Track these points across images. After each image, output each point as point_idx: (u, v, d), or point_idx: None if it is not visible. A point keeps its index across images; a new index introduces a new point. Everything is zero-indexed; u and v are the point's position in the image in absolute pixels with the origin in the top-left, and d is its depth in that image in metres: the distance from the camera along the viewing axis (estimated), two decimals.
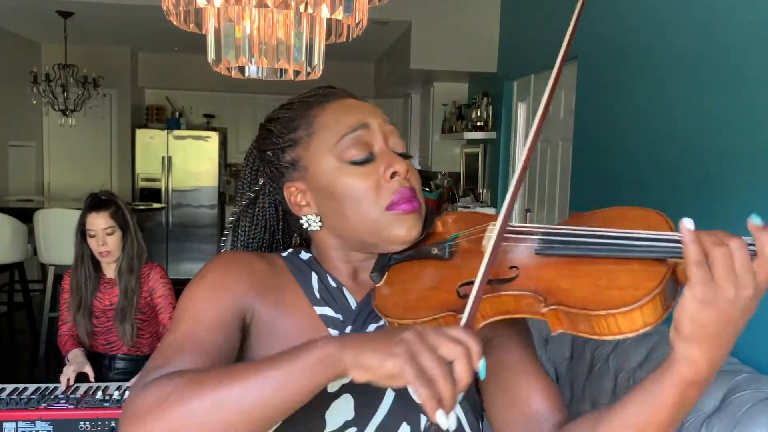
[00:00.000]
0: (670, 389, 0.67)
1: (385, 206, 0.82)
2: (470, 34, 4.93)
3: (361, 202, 0.83)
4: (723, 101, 2.34)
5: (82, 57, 6.23)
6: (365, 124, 0.85)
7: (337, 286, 0.88)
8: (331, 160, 0.84)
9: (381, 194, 0.82)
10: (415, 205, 0.83)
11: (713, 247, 0.63)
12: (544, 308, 0.69)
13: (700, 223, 0.67)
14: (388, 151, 0.85)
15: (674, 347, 0.66)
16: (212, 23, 1.95)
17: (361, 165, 0.83)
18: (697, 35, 2.51)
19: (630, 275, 0.68)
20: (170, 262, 7.36)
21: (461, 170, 5.77)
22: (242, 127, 7.87)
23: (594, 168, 3.36)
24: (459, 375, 0.61)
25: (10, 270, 5.23)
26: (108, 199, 2.55)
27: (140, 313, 2.54)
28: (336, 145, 0.84)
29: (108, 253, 2.48)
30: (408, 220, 0.83)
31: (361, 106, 0.89)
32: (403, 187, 0.83)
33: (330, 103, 0.89)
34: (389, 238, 0.83)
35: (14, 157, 6.43)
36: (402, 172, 0.83)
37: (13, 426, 1.99)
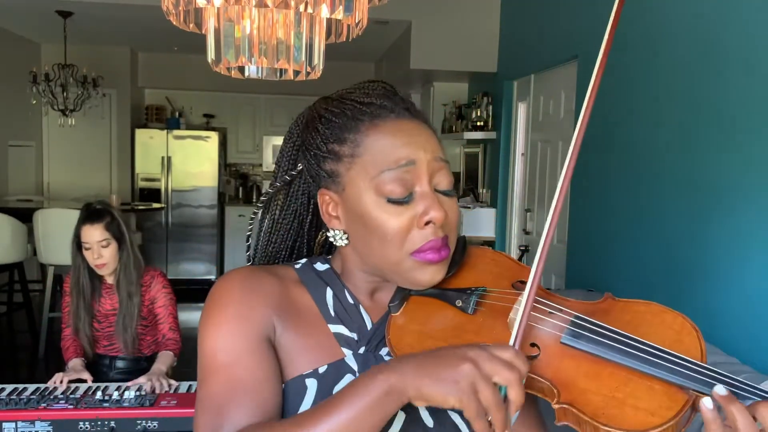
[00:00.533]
0: None
1: (410, 252, 0.80)
2: (470, 34, 4.93)
3: (388, 242, 0.80)
4: (723, 101, 2.33)
5: (81, 57, 6.23)
6: (412, 160, 0.80)
7: (354, 303, 0.87)
8: (369, 191, 0.80)
9: (410, 239, 0.79)
10: (443, 254, 0.80)
11: (739, 412, 0.64)
12: (555, 404, 0.69)
13: (701, 222, 0.67)
14: (429, 194, 0.80)
15: None
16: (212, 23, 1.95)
17: (398, 204, 0.79)
18: (697, 35, 2.51)
19: (649, 395, 0.66)
20: (170, 263, 7.36)
21: (461, 170, 5.77)
22: (242, 127, 7.87)
23: (594, 168, 3.36)
24: (514, 399, 0.64)
25: (9, 270, 5.23)
26: (102, 210, 2.52)
27: (143, 319, 2.54)
28: (377, 177, 0.80)
29: (104, 266, 2.47)
30: (431, 268, 0.80)
31: (414, 136, 0.82)
32: (435, 237, 0.79)
33: (383, 122, 0.83)
34: (410, 280, 0.82)
35: (14, 157, 6.43)
36: (437, 220, 0.79)
37: (13, 426, 1.98)
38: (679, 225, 2.56)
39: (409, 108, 0.86)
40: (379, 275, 0.86)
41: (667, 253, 2.66)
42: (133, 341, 2.51)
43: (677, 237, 2.58)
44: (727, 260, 2.28)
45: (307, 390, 0.80)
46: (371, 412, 0.67)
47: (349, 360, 0.83)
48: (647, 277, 2.81)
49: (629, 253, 2.98)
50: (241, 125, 7.86)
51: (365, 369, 0.80)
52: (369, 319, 0.86)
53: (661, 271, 2.69)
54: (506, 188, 4.81)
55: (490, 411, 0.63)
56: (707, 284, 2.39)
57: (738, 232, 2.23)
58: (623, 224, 3.03)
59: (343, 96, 0.88)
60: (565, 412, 0.68)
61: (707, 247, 2.39)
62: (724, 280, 2.30)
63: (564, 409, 0.68)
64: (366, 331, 0.85)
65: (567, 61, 3.75)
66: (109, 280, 2.55)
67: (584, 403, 0.66)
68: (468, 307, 0.80)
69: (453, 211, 0.83)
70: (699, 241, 2.43)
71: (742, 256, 2.21)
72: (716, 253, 2.34)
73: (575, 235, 3.60)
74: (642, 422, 0.64)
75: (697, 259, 2.44)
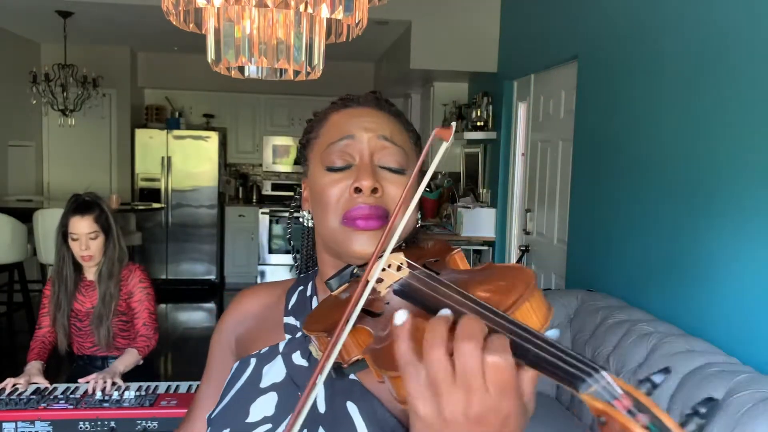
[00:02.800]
0: None
1: (340, 219, 0.82)
2: (470, 34, 4.93)
3: (326, 209, 0.84)
4: (723, 101, 2.33)
5: (81, 57, 6.23)
6: (351, 135, 0.86)
7: (309, 294, 0.93)
8: (318, 164, 0.87)
9: (340, 205, 0.83)
10: (371, 224, 0.81)
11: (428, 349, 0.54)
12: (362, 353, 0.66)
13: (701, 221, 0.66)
14: (366, 165, 0.83)
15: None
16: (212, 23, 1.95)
17: (335, 172, 0.84)
18: (697, 35, 2.51)
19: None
20: (170, 263, 7.36)
21: (461, 170, 5.77)
22: (242, 127, 7.87)
23: (594, 168, 3.36)
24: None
25: (9, 270, 5.23)
26: (92, 202, 2.50)
27: (122, 314, 2.52)
28: (324, 150, 0.87)
29: (90, 258, 2.45)
30: (361, 237, 0.81)
31: (363, 116, 0.88)
32: (364, 204, 0.81)
33: (345, 109, 0.91)
34: (345, 250, 0.83)
35: (14, 157, 6.43)
36: (365, 187, 0.81)
37: (13, 426, 1.99)
38: (679, 225, 2.56)
39: (379, 102, 0.92)
40: (333, 253, 0.88)
41: (667, 253, 2.65)
42: (108, 335, 2.47)
43: (677, 237, 2.57)
44: (728, 260, 2.28)
45: (248, 367, 0.88)
46: None
47: (282, 344, 0.89)
48: (647, 277, 2.81)
49: (629, 253, 2.97)
50: (241, 125, 7.86)
51: (289, 351, 0.87)
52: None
53: (662, 271, 2.69)
54: (506, 188, 4.81)
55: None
56: (707, 284, 2.39)
57: (739, 233, 2.23)
58: (623, 224, 3.03)
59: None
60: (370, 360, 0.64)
61: (707, 247, 2.39)
62: (724, 280, 2.30)
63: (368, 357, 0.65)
64: None
65: (567, 61, 3.75)
66: (90, 277, 2.52)
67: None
68: (334, 286, 0.80)
69: (396, 186, 0.84)
70: (699, 241, 2.43)
71: (743, 257, 2.21)
72: (716, 253, 2.34)
73: (575, 235, 3.60)
74: None
75: (698, 259, 2.44)
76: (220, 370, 0.95)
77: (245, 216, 7.62)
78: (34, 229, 4.92)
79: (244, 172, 8.07)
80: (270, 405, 0.83)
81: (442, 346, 0.52)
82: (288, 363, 0.85)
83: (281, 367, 0.86)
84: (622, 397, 0.47)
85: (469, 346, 0.51)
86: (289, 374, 0.85)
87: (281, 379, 0.85)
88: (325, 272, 0.90)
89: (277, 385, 0.84)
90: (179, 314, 6.57)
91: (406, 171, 0.86)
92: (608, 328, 2.55)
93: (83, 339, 2.55)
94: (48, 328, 2.53)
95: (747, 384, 1.86)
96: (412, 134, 0.93)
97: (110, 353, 2.54)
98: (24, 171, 6.68)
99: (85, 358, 2.57)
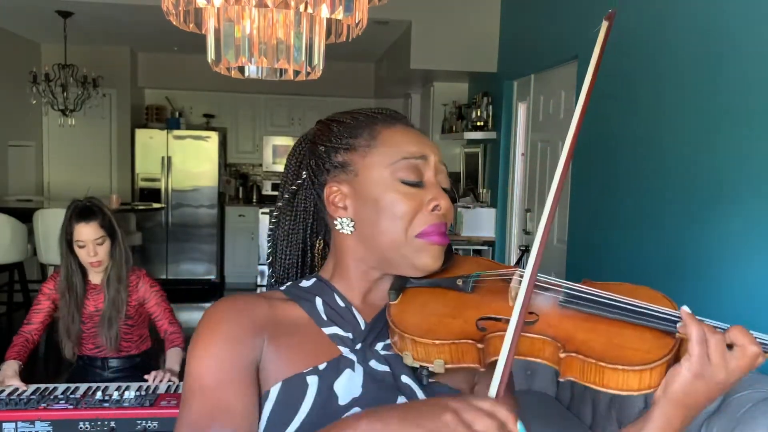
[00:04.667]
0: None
1: (416, 233, 0.87)
2: (470, 34, 4.93)
3: (398, 220, 0.87)
4: (723, 101, 2.33)
5: (81, 57, 6.22)
6: (425, 155, 0.90)
7: (345, 305, 0.90)
8: (385, 173, 0.88)
9: (417, 220, 0.87)
10: (445, 240, 0.88)
11: (710, 333, 0.76)
12: (562, 353, 0.75)
13: (701, 221, 0.68)
14: (437, 185, 0.89)
15: (657, 405, 0.77)
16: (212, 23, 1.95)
17: (410, 186, 0.88)
18: (697, 35, 2.51)
19: (642, 341, 0.76)
20: (170, 263, 7.36)
21: (461, 170, 5.77)
22: (242, 127, 7.87)
23: (594, 168, 3.36)
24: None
25: (9, 270, 5.23)
26: (94, 207, 2.47)
27: (129, 318, 2.51)
28: (394, 163, 0.88)
29: (99, 263, 2.43)
30: (434, 251, 0.87)
31: (424, 140, 0.93)
32: (440, 221, 0.88)
33: (397, 125, 0.93)
34: (412, 262, 0.87)
35: (14, 157, 6.43)
36: (444, 207, 0.88)
37: (13, 426, 1.98)
38: (679, 225, 2.56)
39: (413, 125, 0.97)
40: (378, 264, 0.90)
41: (667, 253, 2.65)
42: (116, 338, 2.46)
43: (678, 237, 2.57)
44: (728, 260, 2.28)
45: (308, 387, 0.82)
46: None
47: (347, 354, 0.86)
48: (647, 277, 2.81)
49: (629, 253, 2.97)
50: (241, 125, 7.85)
51: (363, 361, 0.85)
52: (362, 320, 0.90)
53: (662, 271, 2.69)
54: (506, 188, 4.81)
55: None
56: (708, 284, 2.39)
57: (739, 231, 2.23)
58: (623, 225, 3.03)
59: (354, 110, 0.97)
60: (572, 361, 0.75)
61: (708, 247, 2.39)
62: (724, 279, 2.30)
63: (570, 359, 0.74)
64: (360, 330, 0.89)
65: (567, 61, 3.75)
66: (95, 281, 2.51)
67: (589, 350, 0.74)
68: (467, 286, 0.87)
69: (451, 209, 0.91)
70: (700, 241, 2.43)
71: (743, 256, 2.21)
72: (717, 252, 2.34)
73: (575, 235, 3.60)
74: (642, 359, 0.73)
75: (698, 259, 2.44)
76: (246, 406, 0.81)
77: (245, 216, 7.62)
78: (34, 229, 4.92)
79: (244, 172, 8.07)
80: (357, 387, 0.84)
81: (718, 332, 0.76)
82: (368, 371, 0.85)
83: (356, 381, 0.84)
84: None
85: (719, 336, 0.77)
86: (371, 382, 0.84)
87: (359, 393, 0.83)
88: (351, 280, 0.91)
89: (358, 399, 0.83)
90: (179, 314, 6.49)
91: None
92: None
93: (86, 341, 2.54)
94: (37, 326, 2.49)
95: (747, 384, 1.87)
96: None
97: (109, 355, 2.54)
98: (24, 171, 6.68)
99: (86, 359, 2.56)
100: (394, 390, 0.84)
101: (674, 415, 0.76)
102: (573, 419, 2.60)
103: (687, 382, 0.75)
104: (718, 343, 0.75)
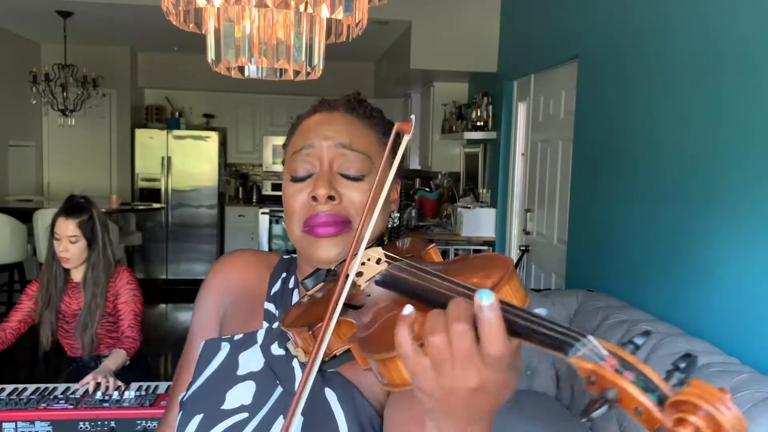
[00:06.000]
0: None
1: (301, 227, 0.87)
2: (470, 34, 4.93)
3: (290, 218, 0.88)
4: (722, 101, 2.33)
5: (81, 57, 6.23)
6: (311, 144, 0.88)
7: (292, 287, 0.94)
8: (285, 173, 0.91)
9: (300, 214, 0.87)
10: (329, 230, 0.85)
11: (428, 335, 0.56)
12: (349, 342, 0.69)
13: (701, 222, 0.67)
14: (324, 173, 0.86)
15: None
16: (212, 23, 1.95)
17: (297, 182, 0.88)
18: (696, 35, 2.51)
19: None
20: (170, 263, 7.37)
21: (461, 170, 5.77)
22: (242, 127, 7.87)
23: (594, 168, 3.36)
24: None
25: (9, 270, 5.23)
26: (82, 206, 2.48)
27: (110, 315, 2.51)
28: (288, 159, 0.90)
29: (67, 260, 2.44)
30: (321, 243, 0.85)
31: (323, 124, 0.90)
32: (321, 212, 0.85)
33: (313, 115, 0.93)
34: (309, 257, 0.88)
35: (14, 157, 6.43)
36: (320, 196, 0.84)
37: (13, 426, 1.98)
38: (679, 225, 2.56)
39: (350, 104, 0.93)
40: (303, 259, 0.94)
41: (667, 253, 2.65)
42: (91, 342, 2.46)
43: (677, 237, 2.57)
44: (728, 260, 2.28)
45: (220, 351, 0.89)
46: None
47: (260, 333, 0.89)
48: (647, 277, 2.81)
49: (629, 253, 2.97)
50: (241, 125, 7.86)
51: (268, 342, 0.88)
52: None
53: (662, 272, 2.69)
54: (506, 188, 4.81)
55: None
56: (707, 284, 2.39)
57: (738, 232, 2.23)
58: (623, 224, 3.03)
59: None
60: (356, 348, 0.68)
61: (707, 247, 2.39)
62: (724, 280, 2.30)
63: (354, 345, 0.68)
64: None
65: (567, 61, 3.75)
66: (76, 278, 2.52)
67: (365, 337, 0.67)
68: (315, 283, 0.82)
69: (355, 193, 0.86)
70: (699, 241, 2.43)
71: (742, 257, 2.21)
72: (716, 253, 2.34)
73: (575, 235, 3.60)
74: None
75: (697, 259, 2.44)
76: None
77: (245, 216, 7.62)
78: (34, 229, 4.92)
79: (244, 172, 8.07)
80: (248, 394, 0.84)
81: (443, 331, 0.55)
82: (266, 353, 0.87)
83: (259, 357, 0.87)
84: (608, 358, 0.49)
85: (462, 326, 0.54)
86: (268, 364, 0.86)
87: (259, 368, 0.86)
88: (301, 270, 0.94)
89: (255, 374, 0.85)
90: (179, 314, 6.56)
91: (367, 176, 0.88)
92: (608, 328, 2.55)
93: (72, 341, 2.54)
94: (13, 324, 2.49)
95: (747, 384, 1.87)
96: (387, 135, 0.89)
97: (102, 352, 2.54)
98: (24, 171, 6.68)
99: (80, 360, 2.57)
100: (274, 377, 0.84)
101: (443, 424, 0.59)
102: (573, 419, 2.60)
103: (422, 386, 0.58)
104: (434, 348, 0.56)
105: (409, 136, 0.75)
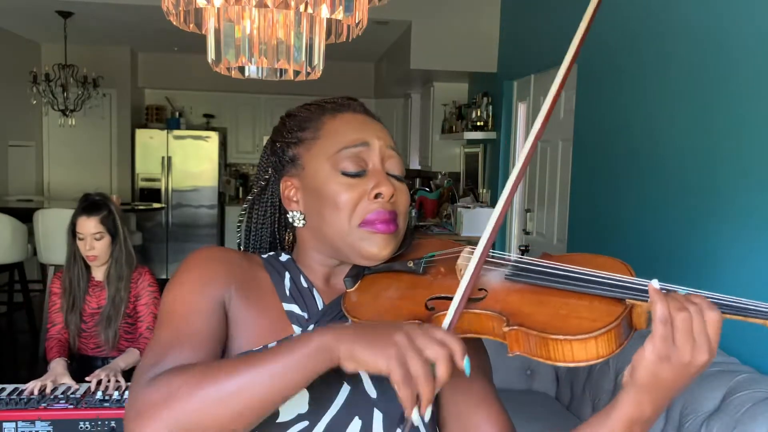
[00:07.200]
0: (616, 425, 0.74)
1: (359, 222, 0.87)
2: (470, 34, 4.93)
3: (340, 211, 0.87)
4: (721, 102, 2.34)
5: (81, 57, 6.22)
6: (366, 142, 0.90)
7: (308, 286, 0.93)
8: (326, 166, 0.89)
9: (359, 210, 0.87)
10: (390, 227, 0.88)
11: (675, 311, 0.70)
12: (506, 328, 0.74)
13: (701, 222, 0.68)
14: (381, 172, 0.89)
15: (625, 390, 0.74)
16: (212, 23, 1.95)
17: (351, 177, 0.88)
18: (698, 35, 2.51)
19: (589, 309, 0.74)
20: (170, 262, 7.37)
21: (461, 170, 5.77)
22: (242, 127, 7.87)
23: (594, 168, 3.36)
24: (440, 375, 0.67)
25: (9, 270, 5.23)
26: (101, 203, 2.53)
27: (128, 316, 2.53)
28: (335, 154, 0.89)
29: (95, 258, 2.48)
30: (379, 240, 0.87)
31: (369, 125, 0.93)
32: (383, 209, 0.87)
33: (342, 113, 0.93)
34: (359, 251, 0.88)
35: (14, 157, 6.43)
36: (386, 194, 0.87)
37: (13, 426, 1.98)
38: (679, 225, 2.56)
39: (367, 110, 0.97)
40: (332, 254, 0.92)
41: (667, 253, 2.66)
42: (115, 337, 2.49)
43: (677, 237, 2.58)
44: (728, 260, 2.28)
45: None
46: (300, 365, 0.69)
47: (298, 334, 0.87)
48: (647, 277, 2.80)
49: (629, 253, 2.97)
50: (241, 125, 7.86)
51: None
52: (321, 301, 0.92)
53: (662, 271, 2.68)
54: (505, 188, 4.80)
55: (418, 382, 0.66)
56: (707, 284, 2.38)
57: (739, 232, 2.23)
58: (623, 225, 3.03)
59: (310, 102, 0.99)
60: (517, 335, 0.73)
61: (707, 247, 2.39)
62: (723, 280, 2.30)
63: (515, 332, 0.73)
64: (317, 310, 0.90)
65: None
66: (98, 277, 2.54)
67: (532, 322, 0.73)
68: (419, 268, 0.87)
69: (403, 194, 0.91)
70: (699, 241, 2.43)
71: (743, 256, 2.21)
72: (717, 253, 2.34)
73: (575, 235, 3.60)
74: (587, 327, 0.71)
75: (697, 258, 2.44)
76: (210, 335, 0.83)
77: None
78: (34, 229, 4.92)
79: (244, 172, 8.07)
80: (302, 402, 0.82)
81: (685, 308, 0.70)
82: None
83: None
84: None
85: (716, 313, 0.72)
86: None
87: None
88: (312, 269, 0.93)
89: None
90: None
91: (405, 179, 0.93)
92: None
93: (87, 340, 2.55)
94: (61, 325, 2.53)
95: (747, 384, 1.87)
96: None
97: (111, 354, 2.54)
98: (24, 171, 6.68)
99: (86, 358, 2.57)
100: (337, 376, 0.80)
101: (644, 400, 0.72)
102: (573, 419, 2.60)
103: (652, 365, 0.70)
104: (684, 322, 0.69)
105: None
